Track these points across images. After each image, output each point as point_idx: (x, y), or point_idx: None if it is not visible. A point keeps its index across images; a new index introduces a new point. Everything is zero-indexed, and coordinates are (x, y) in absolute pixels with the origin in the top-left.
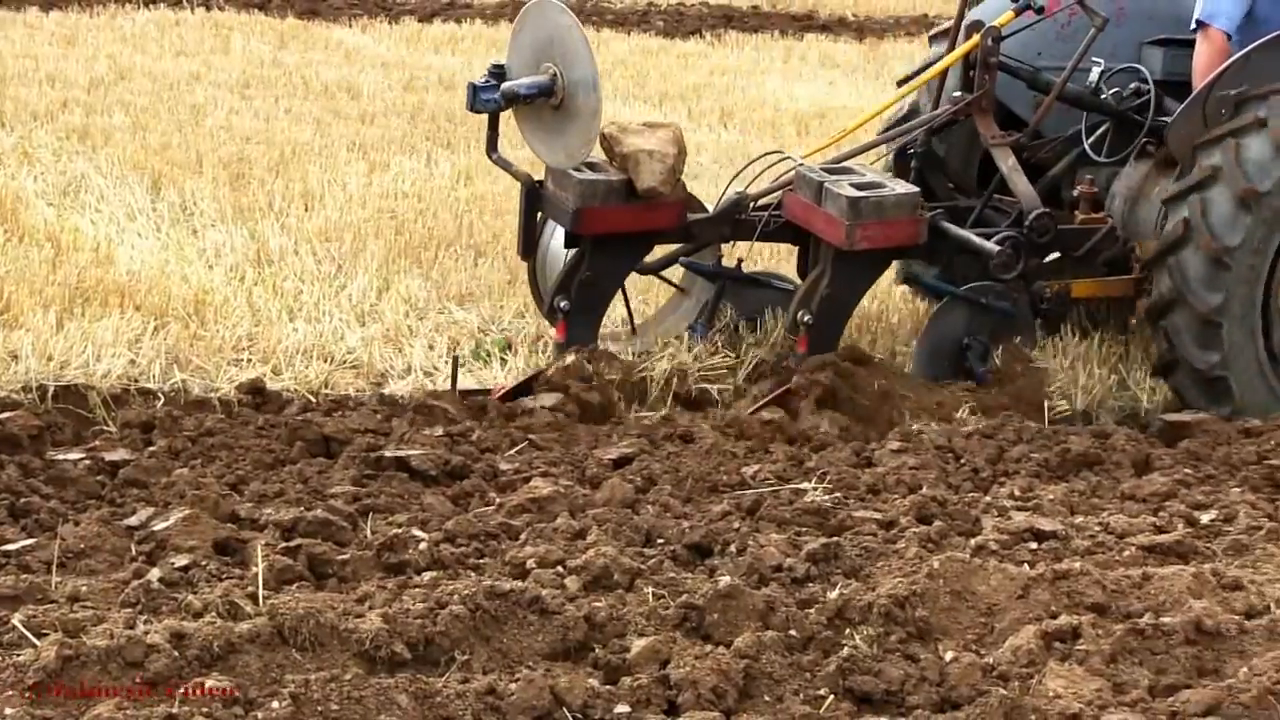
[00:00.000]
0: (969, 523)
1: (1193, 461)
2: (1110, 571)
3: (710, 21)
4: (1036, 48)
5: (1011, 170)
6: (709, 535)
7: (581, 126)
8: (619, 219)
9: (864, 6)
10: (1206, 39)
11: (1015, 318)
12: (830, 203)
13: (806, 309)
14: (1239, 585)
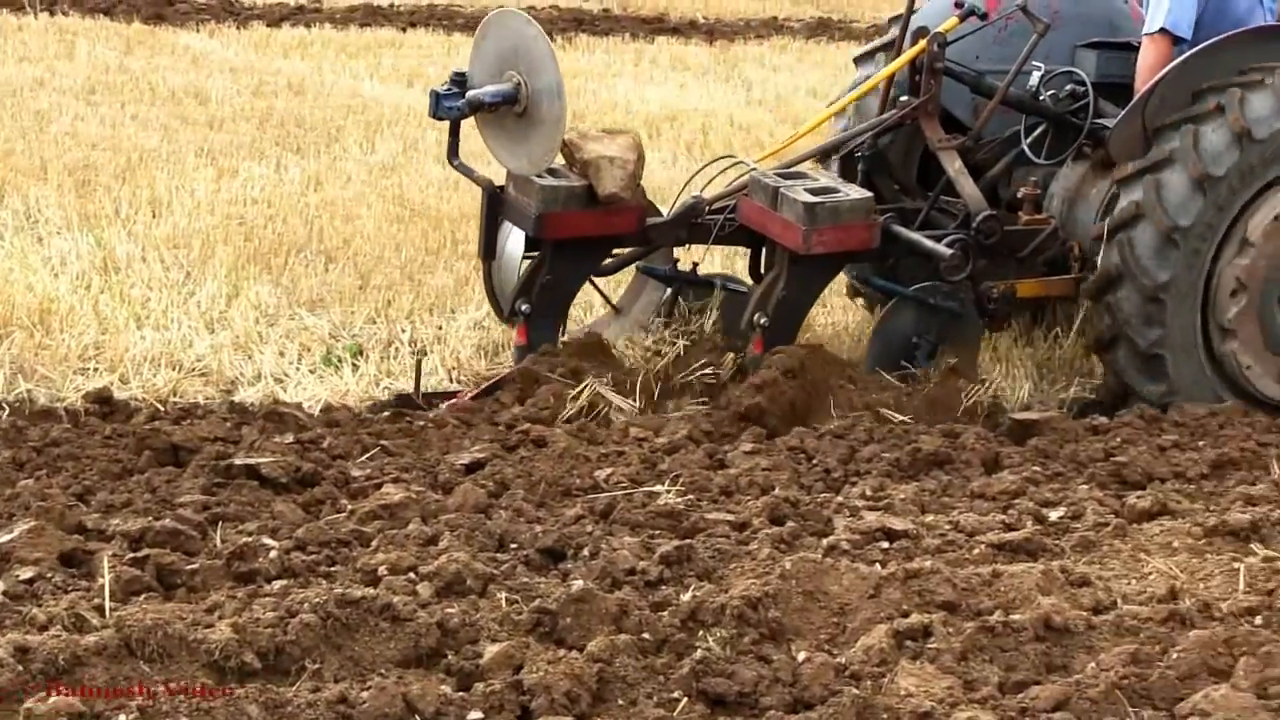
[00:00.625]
0: (821, 523)
1: (1041, 459)
2: (960, 570)
3: (560, 25)
4: (975, 51)
5: (958, 173)
6: (562, 539)
7: (545, 133)
8: (581, 224)
9: (714, 9)
10: (1156, 44)
11: (962, 317)
12: (787, 208)
13: (762, 311)
14: (1087, 581)
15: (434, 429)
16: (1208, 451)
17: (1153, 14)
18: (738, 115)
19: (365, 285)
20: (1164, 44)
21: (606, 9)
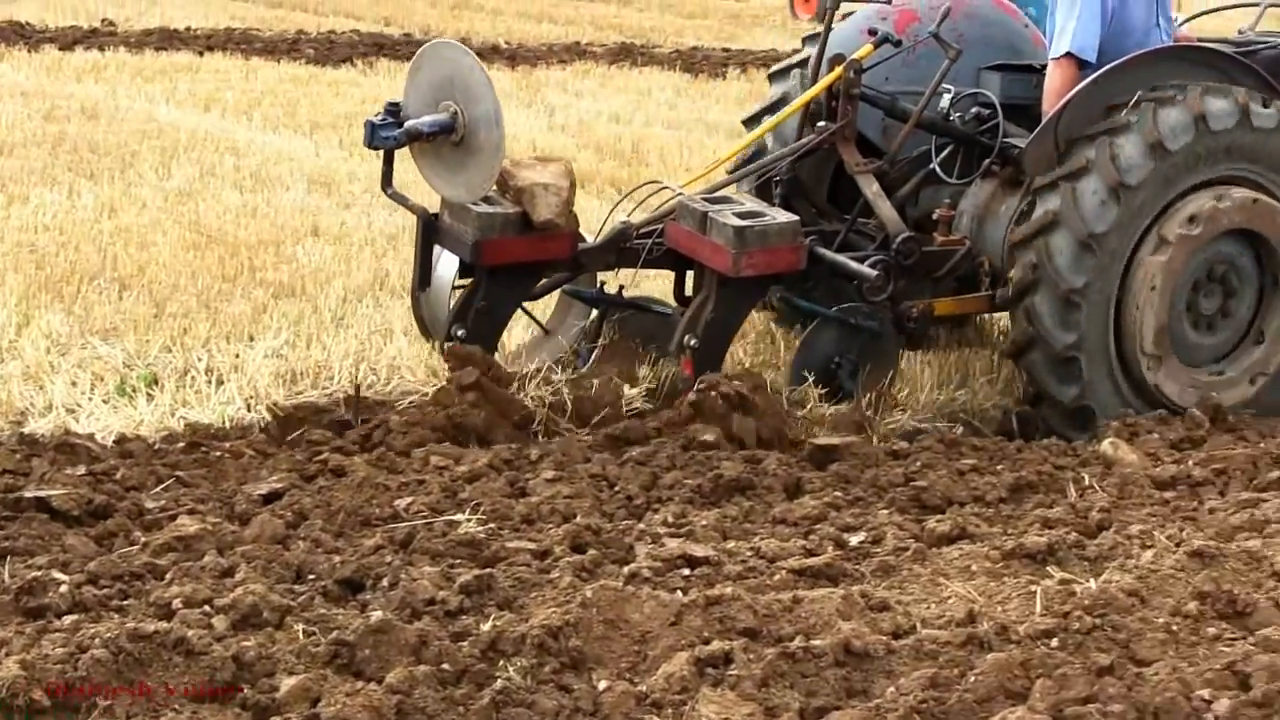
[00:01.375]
0: (623, 551)
1: (842, 484)
2: (762, 596)
3: (361, 49)
4: (884, 74)
5: (876, 196)
6: (360, 570)
7: (483, 162)
8: (517, 250)
9: (517, 35)
10: (1063, 67)
11: (882, 336)
12: (716, 232)
13: (692, 333)
14: (886, 606)
15: (231, 459)
16: (1006, 475)
17: (1058, 39)
18: (540, 140)
19: (160, 313)
20: (1071, 67)
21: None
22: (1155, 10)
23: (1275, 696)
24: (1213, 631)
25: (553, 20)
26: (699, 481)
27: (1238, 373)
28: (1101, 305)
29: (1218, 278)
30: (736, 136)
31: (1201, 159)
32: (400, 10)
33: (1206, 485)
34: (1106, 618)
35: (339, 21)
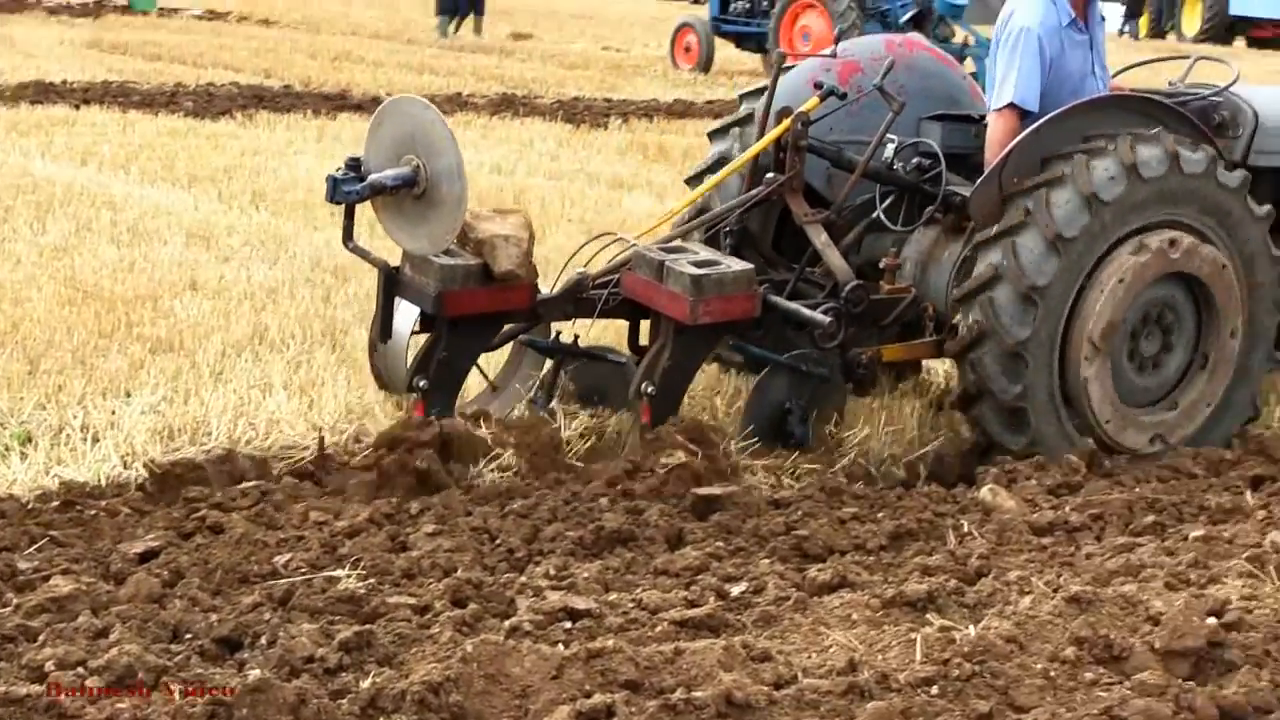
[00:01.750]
0: (504, 604)
1: (724, 534)
2: (643, 648)
3: (241, 102)
4: (828, 124)
5: (825, 245)
6: (239, 628)
7: (445, 214)
8: (478, 301)
9: (397, 86)
10: (1004, 118)
11: (831, 383)
12: (673, 280)
13: (650, 380)
14: (768, 656)
15: (106, 517)
16: (886, 523)
17: (1000, 89)
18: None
19: (35, 370)
20: (1012, 117)
21: (288, 86)
22: (1092, 61)
23: None
24: (1090, 677)
25: (434, 71)
26: (580, 533)
27: (1182, 410)
28: (1046, 354)
29: (1155, 321)
30: (619, 187)
31: (1135, 206)
32: (280, 63)
33: (1083, 530)
34: (985, 664)
35: (218, 74)
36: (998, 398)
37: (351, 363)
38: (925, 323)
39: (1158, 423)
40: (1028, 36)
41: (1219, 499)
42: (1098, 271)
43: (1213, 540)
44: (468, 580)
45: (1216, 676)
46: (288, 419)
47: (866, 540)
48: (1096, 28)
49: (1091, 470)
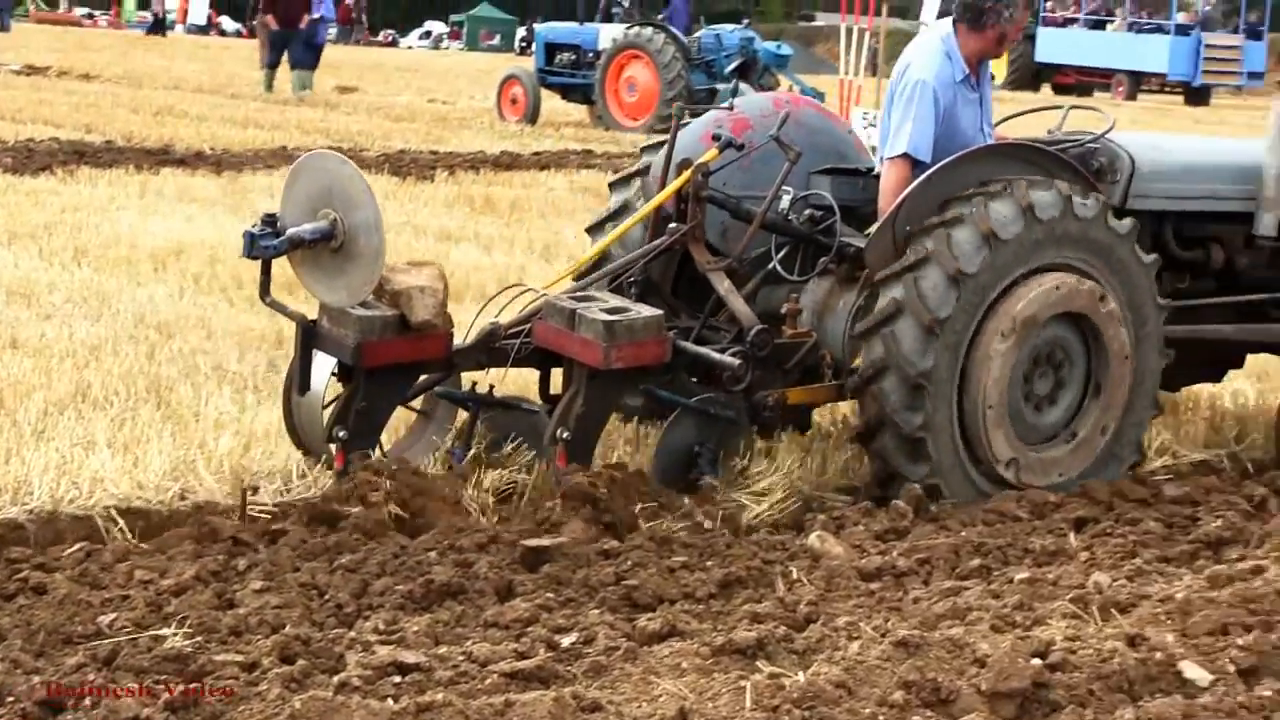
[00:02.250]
0: (333, 660)
1: (554, 586)
2: (473, 700)
3: (61, 157)
4: (721, 179)
5: (728, 292)
6: (63, 690)
7: (364, 267)
8: (396, 350)
9: (222, 140)
10: (898, 167)
11: (737, 424)
12: (585, 327)
13: (564, 426)
14: (598, 706)
15: None
16: (715, 571)
17: (894, 139)
18: None
19: None
20: (905, 167)
21: (110, 141)
22: (980, 113)
23: None
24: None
25: (258, 125)
26: (410, 587)
27: (1077, 443)
28: (947, 386)
29: (1048, 360)
30: (446, 239)
31: (1031, 247)
32: (101, 117)
33: (910, 575)
34: (815, 710)
35: (38, 129)
36: (900, 429)
37: (176, 419)
38: (823, 369)
39: (1056, 458)
40: (923, 89)
41: (1043, 541)
42: (997, 306)
43: (1037, 582)
44: (296, 636)
45: (1042, 717)
46: (111, 477)
47: (696, 589)
48: (986, 85)
49: (918, 515)
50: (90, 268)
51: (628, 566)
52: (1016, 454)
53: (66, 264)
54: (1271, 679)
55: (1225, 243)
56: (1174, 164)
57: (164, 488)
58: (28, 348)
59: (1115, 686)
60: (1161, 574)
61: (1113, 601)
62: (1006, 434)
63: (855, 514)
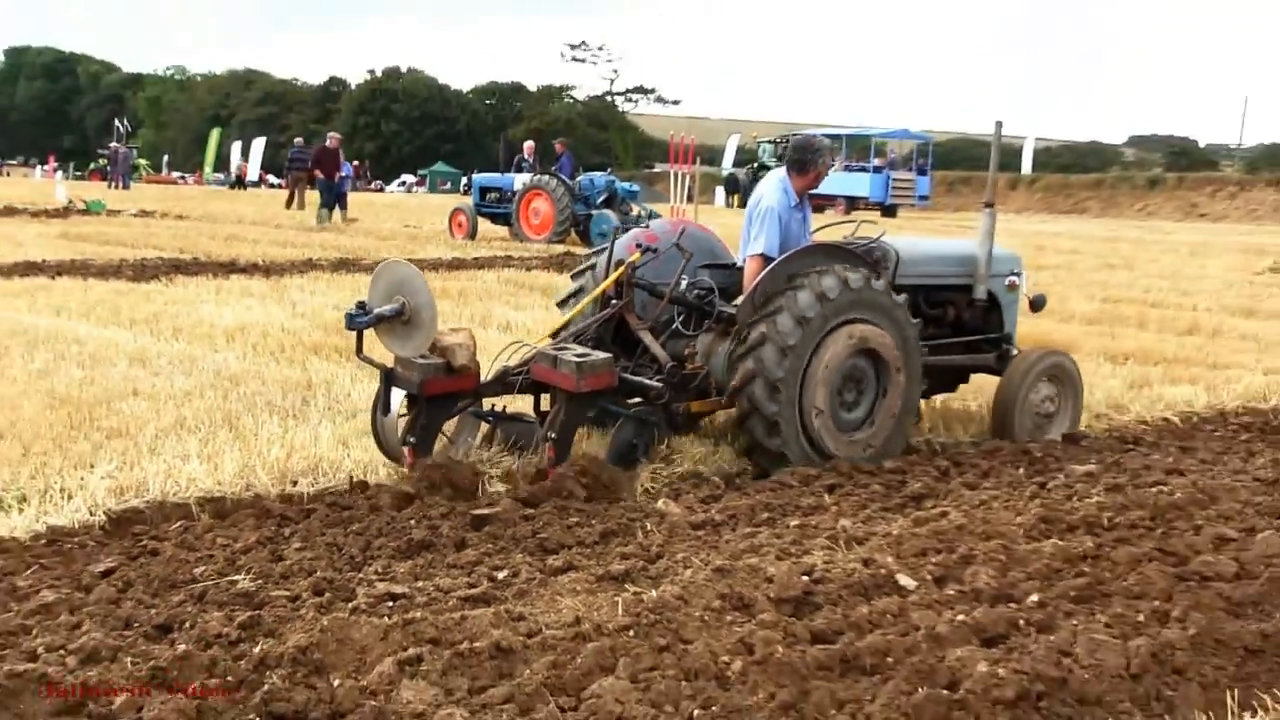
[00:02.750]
0: (348, 592)
1: (492, 539)
2: (441, 616)
3: (164, 270)
4: (642, 272)
5: (650, 343)
6: (170, 618)
7: (424, 332)
8: (446, 385)
9: (270, 256)
10: (757, 261)
11: (657, 426)
12: (563, 366)
13: (552, 430)
14: (523, 617)
15: (78, 549)
16: (598, 526)
17: (754, 243)
18: (286, 324)
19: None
20: (761, 261)
21: (196, 257)
22: (805, 226)
23: (769, 656)
24: (730, 619)
25: (294, 245)
26: (398, 544)
27: (869, 431)
28: (792, 389)
29: (852, 378)
30: None
31: (844, 306)
32: (190, 243)
33: (724, 525)
34: (663, 615)
35: (149, 252)
36: (763, 414)
37: (242, 438)
38: (712, 390)
39: (862, 438)
40: (771, 212)
41: (808, 500)
42: (825, 340)
43: (805, 527)
44: (324, 578)
45: (810, 613)
46: (199, 477)
47: (585, 538)
48: (808, 209)
49: (728, 487)
50: (184, 341)
51: (541, 524)
52: (835, 440)
53: (168, 339)
54: (955, 583)
55: (956, 304)
56: (923, 255)
57: (234, 484)
58: (144, 394)
59: (856, 592)
60: (884, 519)
61: (853, 537)
62: (829, 427)
63: (687, 485)
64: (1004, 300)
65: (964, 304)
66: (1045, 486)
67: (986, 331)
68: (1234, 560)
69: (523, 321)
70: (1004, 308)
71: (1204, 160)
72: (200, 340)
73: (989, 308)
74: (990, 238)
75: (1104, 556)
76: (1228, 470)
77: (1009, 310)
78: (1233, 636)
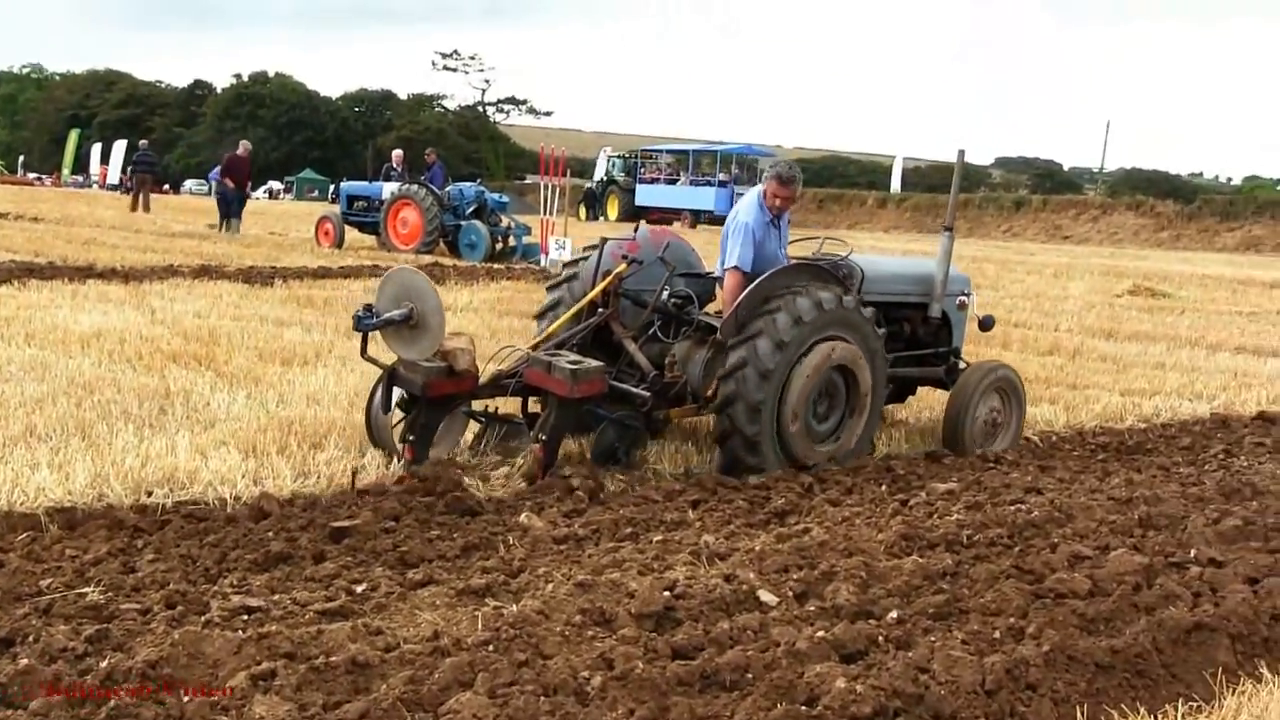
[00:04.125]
0: (201, 605)
1: (352, 552)
2: (297, 630)
3: (17, 273)
4: (626, 283)
5: (635, 351)
6: (13, 631)
7: (431, 336)
8: (448, 386)
9: (129, 260)
10: (732, 274)
11: (641, 431)
12: (557, 372)
13: (543, 432)
14: (380, 631)
15: None
16: (459, 540)
17: (729, 257)
18: (145, 331)
19: None
20: (737, 274)
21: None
22: (779, 242)
23: (629, 672)
24: (591, 634)
25: (154, 250)
26: (255, 556)
27: (837, 444)
28: (771, 409)
29: (826, 394)
30: (280, 324)
31: (820, 325)
32: (45, 246)
33: (587, 540)
34: (524, 629)
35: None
36: (745, 434)
37: (95, 448)
38: (687, 397)
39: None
40: (745, 228)
41: (672, 515)
42: (800, 361)
43: (669, 542)
44: (177, 590)
45: (671, 629)
46: (49, 487)
47: (446, 551)
48: (785, 225)
49: (593, 501)
50: (37, 346)
51: (401, 537)
52: (807, 450)
53: (20, 344)
54: (816, 599)
55: (912, 321)
56: (886, 274)
57: (86, 494)
58: None
59: (717, 608)
60: (747, 534)
61: (716, 553)
62: (803, 438)
63: (550, 499)
64: (954, 318)
65: (919, 320)
66: (907, 504)
67: (937, 346)
68: (1088, 578)
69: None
70: (954, 325)
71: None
72: (54, 346)
73: (940, 324)
74: (948, 259)
75: (963, 574)
76: (1084, 489)
77: (958, 328)
78: (1085, 653)
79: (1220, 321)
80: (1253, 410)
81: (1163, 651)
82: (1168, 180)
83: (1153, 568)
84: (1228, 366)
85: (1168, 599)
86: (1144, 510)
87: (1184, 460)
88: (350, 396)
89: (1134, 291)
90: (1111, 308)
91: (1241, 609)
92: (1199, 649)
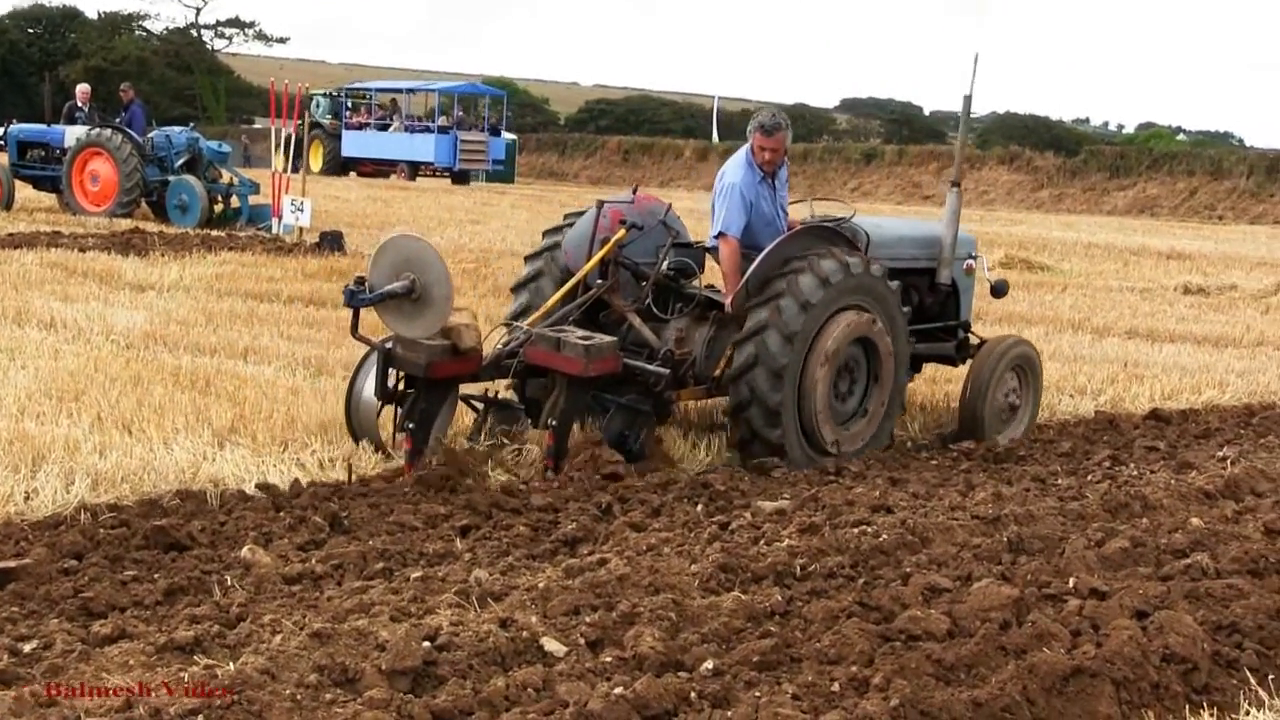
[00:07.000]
0: None
1: (19, 600)
2: None
3: None
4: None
5: (640, 326)
6: None
7: (436, 310)
8: (452, 367)
9: None
10: (726, 241)
11: (650, 416)
12: (568, 349)
13: (553, 416)
14: (54, 703)
15: None
16: (161, 581)
17: (718, 223)
18: None
19: None
20: (730, 241)
21: None
22: (776, 204)
23: None
24: (329, 697)
25: None
26: None
27: (864, 422)
28: (793, 377)
29: (847, 370)
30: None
31: (845, 291)
32: None
33: (326, 578)
34: (243, 694)
35: None
36: (765, 403)
37: None
38: (688, 378)
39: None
40: (733, 189)
41: (435, 546)
42: (826, 326)
43: (430, 579)
44: None
45: (432, 688)
46: None
47: (144, 597)
48: (782, 185)
49: (334, 529)
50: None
51: (85, 581)
52: (833, 430)
53: None
54: (613, 647)
55: (919, 289)
56: (891, 236)
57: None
58: None
59: (490, 660)
60: (529, 568)
61: (490, 592)
62: (828, 418)
63: (281, 529)
64: (961, 285)
65: (926, 288)
66: (727, 527)
67: (944, 318)
68: (946, 615)
69: (73, 317)
70: (961, 293)
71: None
72: None
73: (949, 292)
74: (956, 219)
75: (795, 613)
76: (943, 506)
77: (966, 295)
78: (942, 706)
79: (1109, 300)
80: (1144, 408)
81: (1034, 703)
82: (1048, 128)
83: (1024, 601)
84: (1116, 355)
85: (1041, 639)
86: (1014, 531)
87: (1063, 469)
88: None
89: (1007, 264)
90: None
91: (1128, 649)
92: (1077, 699)
